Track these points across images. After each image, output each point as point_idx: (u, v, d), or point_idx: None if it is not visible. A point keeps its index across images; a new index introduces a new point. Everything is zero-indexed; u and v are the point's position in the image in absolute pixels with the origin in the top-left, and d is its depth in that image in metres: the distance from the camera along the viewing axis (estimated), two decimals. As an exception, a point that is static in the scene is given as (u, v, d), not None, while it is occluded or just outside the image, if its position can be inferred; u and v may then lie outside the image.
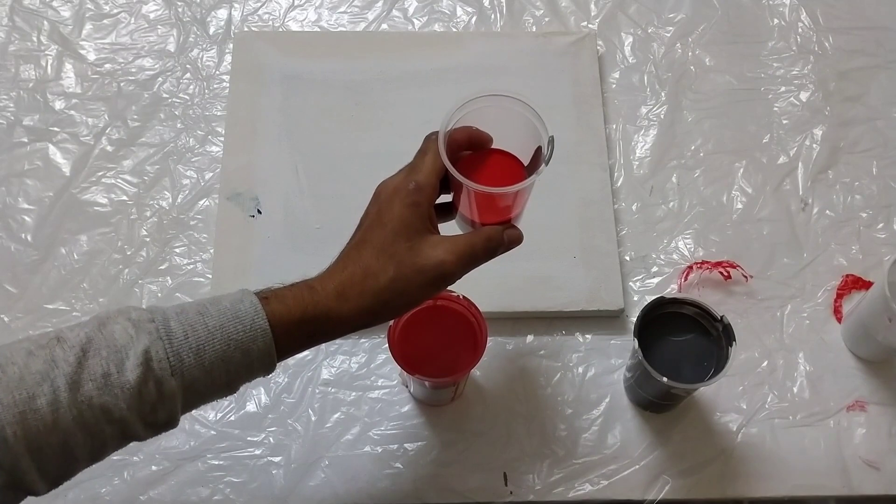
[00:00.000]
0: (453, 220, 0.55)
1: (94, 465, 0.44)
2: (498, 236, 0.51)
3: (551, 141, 0.49)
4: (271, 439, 0.67)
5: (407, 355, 0.59)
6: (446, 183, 0.51)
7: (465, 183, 0.48)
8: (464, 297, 0.60)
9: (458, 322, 0.61)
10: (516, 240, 0.53)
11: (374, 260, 0.48)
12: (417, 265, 0.48)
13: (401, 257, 0.48)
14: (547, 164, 0.49)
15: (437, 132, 0.50)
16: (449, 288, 0.56)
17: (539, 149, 0.50)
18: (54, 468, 0.42)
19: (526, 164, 0.53)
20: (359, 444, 0.67)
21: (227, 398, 0.67)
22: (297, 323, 0.47)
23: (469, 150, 0.52)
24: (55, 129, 0.79)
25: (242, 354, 0.46)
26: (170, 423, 0.45)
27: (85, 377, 0.42)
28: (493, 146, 0.53)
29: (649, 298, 0.62)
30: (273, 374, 0.48)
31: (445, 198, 0.53)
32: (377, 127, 0.78)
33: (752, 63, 0.84)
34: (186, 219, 0.75)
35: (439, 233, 0.51)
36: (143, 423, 0.44)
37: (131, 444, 0.45)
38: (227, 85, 0.81)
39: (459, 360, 0.59)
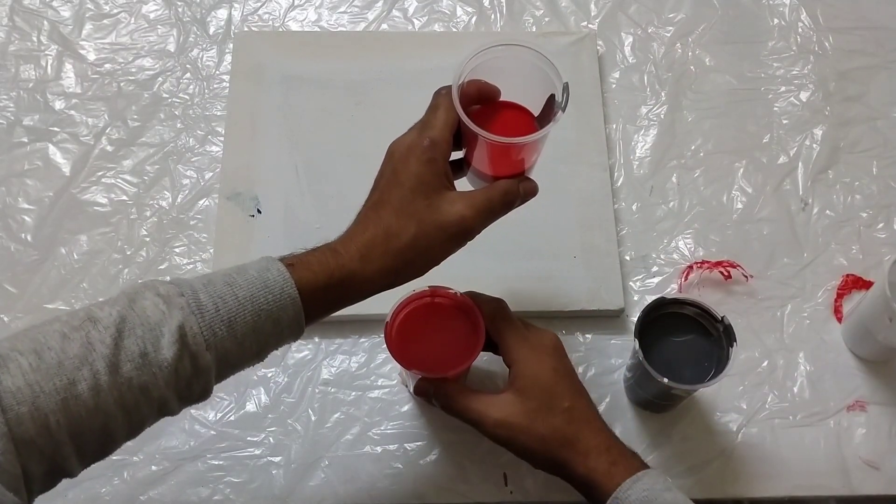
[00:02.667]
0: (464, 178, 0.55)
1: (94, 465, 0.44)
2: (514, 189, 0.52)
3: (566, 87, 0.49)
4: (271, 439, 0.67)
5: (405, 352, 0.58)
6: (457, 139, 0.51)
7: (481, 135, 0.47)
8: (461, 293, 0.59)
9: (456, 319, 0.61)
10: (532, 192, 0.54)
11: (394, 219, 0.48)
12: (438, 222, 0.48)
13: (421, 215, 0.48)
14: (564, 111, 0.48)
15: (448, 87, 0.49)
16: (447, 285, 0.56)
17: (551, 98, 0.50)
18: (93, 450, 0.42)
19: (536, 115, 0.52)
20: (359, 444, 0.67)
21: (228, 398, 0.68)
22: (324, 288, 0.47)
23: (478, 105, 0.52)
24: (55, 129, 0.79)
25: (273, 324, 0.46)
26: (203, 395, 0.46)
27: (123, 358, 0.42)
28: (502, 98, 0.52)
29: (649, 298, 0.62)
30: (275, 371, 0.48)
31: (456, 154, 0.52)
32: (377, 127, 0.78)
33: (752, 63, 0.84)
34: (186, 219, 0.75)
35: (455, 188, 0.51)
36: (178, 398, 0.44)
37: (129, 442, 0.45)
38: (227, 85, 0.81)
39: (458, 356, 0.58)
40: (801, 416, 0.68)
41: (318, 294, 0.47)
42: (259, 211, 0.74)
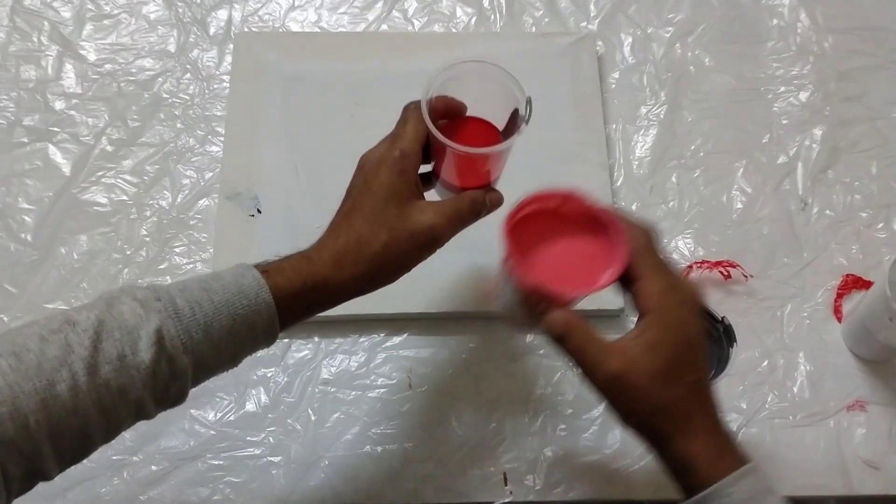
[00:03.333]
0: (432, 190, 0.57)
1: (94, 465, 0.44)
2: (481, 199, 0.54)
3: (529, 101, 0.50)
4: (271, 439, 0.67)
5: (521, 257, 0.50)
6: (426, 153, 0.53)
7: (449, 146, 0.49)
8: (600, 206, 0.50)
9: (586, 233, 0.50)
10: (497, 202, 0.55)
11: (366, 227, 0.50)
12: (409, 230, 0.50)
13: (392, 223, 0.50)
14: (527, 124, 0.50)
15: (417, 101, 0.52)
16: (580, 194, 0.50)
17: (515, 112, 0.52)
18: (70, 452, 0.43)
19: (501, 129, 0.54)
20: (359, 443, 0.67)
21: (227, 398, 0.68)
22: (298, 294, 0.48)
23: (445, 119, 0.53)
24: (55, 129, 0.79)
25: (248, 328, 0.47)
26: (179, 399, 0.46)
27: (101, 360, 0.42)
28: (469, 114, 0.54)
29: (649, 298, 0.61)
30: (275, 370, 0.48)
31: (424, 168, 0.54)
32: (377, 127, 0.78)
33: (752, 63, 0.84)
34: (186, 218, 0.75)
35: (425, 199, 0.53)
36: (154, 401, 0.45)
37: (129, 442, 0.45)
38: (227, 85, 0.81)
39: (582, 276, 0.49)
40: (801, 416, 0.68)
41: (292, 300, 0.48)
42: (259, 211, 0.74)
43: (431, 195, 0.56)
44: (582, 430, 0.67)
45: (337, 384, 0.69)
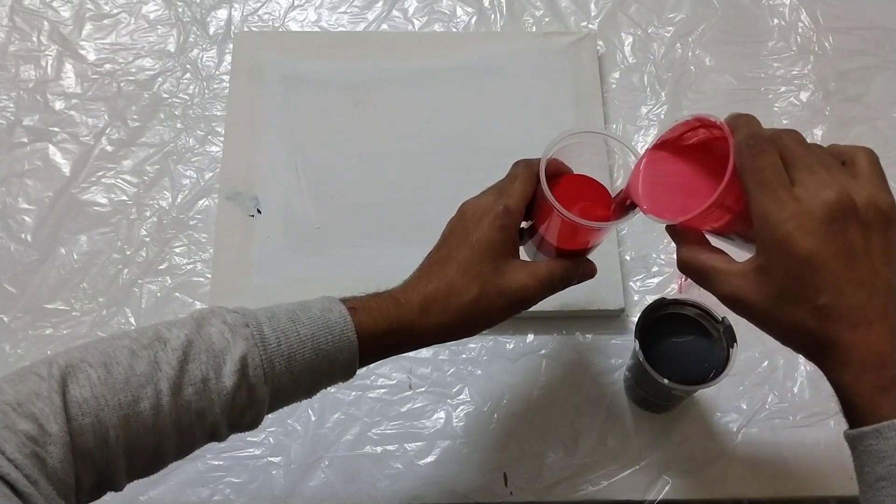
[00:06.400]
0: (522, 246, 0.55)
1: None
2: (574, 269, 0.53)
3: None
4: (271, 439, 0.67)
5: (647, 183, 0.48)
6: (526, 210, 0.52)
7: (564, 215, 0.47)
8: (719, 122, 0.43)
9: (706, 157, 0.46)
10: (590, 273, 0.55)
11: (459, 277, 0.49)
12: (501, 287, 0.49)
13: (486, 278, 0.49)
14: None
15: (525, 160, 0.51)
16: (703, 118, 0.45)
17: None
18: (141, 467, 0.43)
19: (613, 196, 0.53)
20: (359, 444, 0.67)
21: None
22: (381, 335, 0.48)
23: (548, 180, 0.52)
24: (55, 129, 0.79)
25: (329, 364, 0.47)
26: (253, 425, 0.47)
27: (186, 381, 0.42)
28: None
29: (650, 298, 0.62)
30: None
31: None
32: (377, 127, 0.78)
33: (752, 63, 0.84)
34: (186, 219, 0.75)
35: (520, 258, 0.52)
36: (229, 426, 0.45)
37: None
38: (227, 85, 0.81)
39: (691, 199, 0.44)
40: (802, 417, 0.68)
41: (374, 340, 0.48)
42: (259, 211, 0.74)
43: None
44: (582, 430, 0.67)
45: (337, 384, 0.69)
